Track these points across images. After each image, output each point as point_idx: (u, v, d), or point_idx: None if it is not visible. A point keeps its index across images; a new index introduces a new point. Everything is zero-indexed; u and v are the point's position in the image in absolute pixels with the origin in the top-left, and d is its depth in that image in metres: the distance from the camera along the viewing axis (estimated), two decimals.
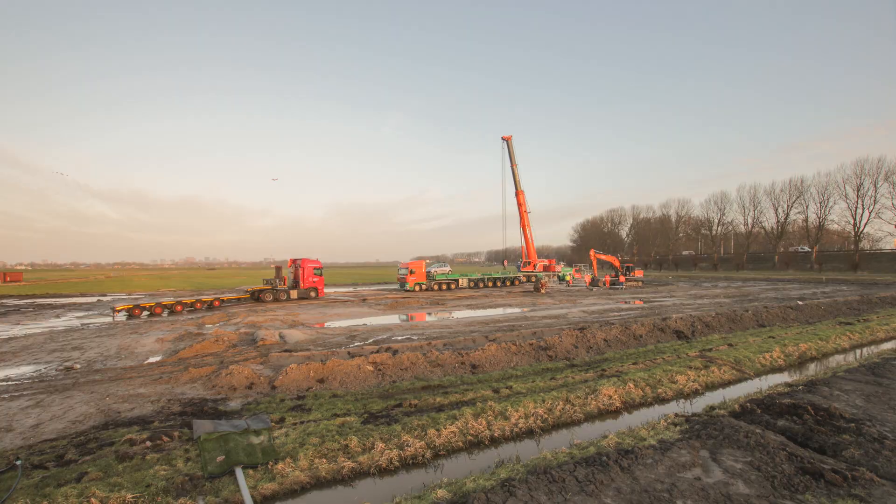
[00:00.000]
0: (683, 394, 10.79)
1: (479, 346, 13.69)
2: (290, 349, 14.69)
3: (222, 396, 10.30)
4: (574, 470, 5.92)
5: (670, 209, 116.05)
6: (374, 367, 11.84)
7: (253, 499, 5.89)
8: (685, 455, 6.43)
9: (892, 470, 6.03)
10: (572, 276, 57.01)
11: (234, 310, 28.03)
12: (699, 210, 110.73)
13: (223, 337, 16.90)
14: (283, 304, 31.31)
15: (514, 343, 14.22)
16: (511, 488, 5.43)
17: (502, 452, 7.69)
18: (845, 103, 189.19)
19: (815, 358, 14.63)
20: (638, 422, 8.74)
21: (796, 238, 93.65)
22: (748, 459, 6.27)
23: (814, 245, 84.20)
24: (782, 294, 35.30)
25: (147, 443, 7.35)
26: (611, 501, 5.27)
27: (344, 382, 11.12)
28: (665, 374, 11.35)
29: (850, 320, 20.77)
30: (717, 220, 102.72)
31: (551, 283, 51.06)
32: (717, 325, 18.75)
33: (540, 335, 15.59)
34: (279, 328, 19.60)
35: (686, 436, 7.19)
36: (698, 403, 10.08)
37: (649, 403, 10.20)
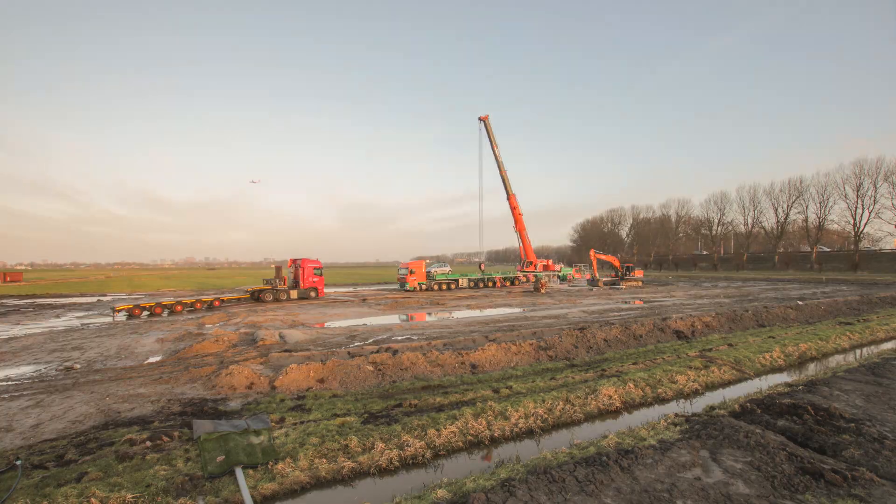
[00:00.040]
0: (683, 394, 10.79)
1: (479, 346, 13.69)
2: (290, 349, 14.69)
3: (222, 396, 10.31)
4: (574, 470, 5.92)
5: (670, 209, 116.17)
6: (374, 367, 11.84)
7: (253, 499, 5.89)
8: (685, 455, 6.43)
9: (892, 470, 6.03)
10: (571, 276, 57.12)
11: (234, 310, 28.03)
12: (699, 210, 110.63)
13: (223, 337, 16.90)
14: (283, 304, 31.32)
15: (514, 343, 14.22)
16: (511, 488, 5.43)
17: (502, 452, 7.69)
18: (845, 103, 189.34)
19: (815, 358, 14.63)
20: (638, 422, 8.74)
21: (796, 238, 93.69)
22: (748, 459, 6.27)
23: (814, 245, 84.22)
24: (782, 294, 35.31)
25: (147, 443, 7.35)
26: (611, 501, 5.27)
27: (344, 382, 11.13)
28: (665, 374, 11.35)
29: (850, 320, 20.77)
30: (717, 220, 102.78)
31: (551, 283, 51.06)
32: (717, 325, 18.75)
33: (540, 335, 15.59)
34: (279, 328, 19.60)
35: (686, 436, 7.19)
36: (698, 403, 10.08)
37: (649, 403, 10.20)
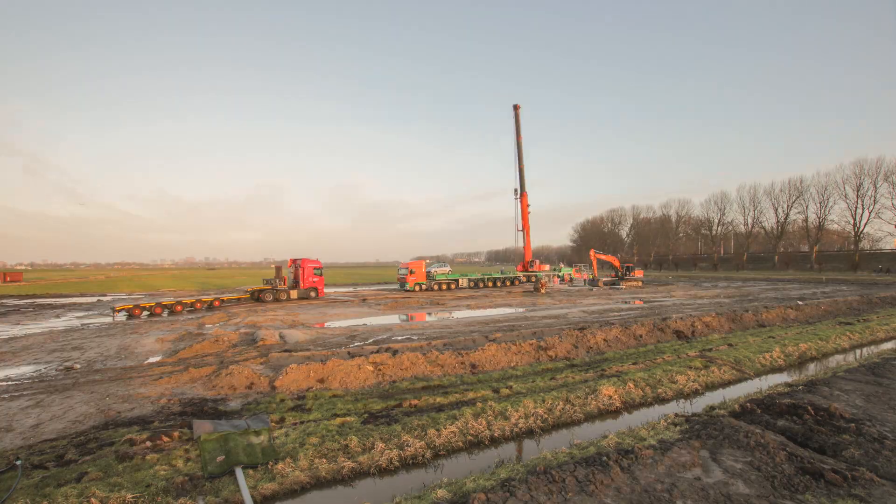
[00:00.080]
0: (683, 394, 10.79)
1: (479, 346, 13.69)
2: (290, 349, 14.69)
3: (222, 396, 10.30)
4: (574, 470, 5.92)
5: (670, 209, 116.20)
6: (374, 367, 11.83)
7: (253, 499, 5.89)
8: (685, 455, 6.43)
9: (892, 470, 6.03)
10: (571, 276, 57.15)
11: (234, 310, 28.03)
12: (699, 210, 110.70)
13: (223, 337, 16.90)
14: (283, 304, 31.32)
15: (514, 343, 14.22)
16: (511, 488, 5.43)
17: (502, 452, 7.69)
18: (844, 103, 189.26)
19: (815, 358, 14.62)
20: (638, 422, 8.74)
21: (796, 238, 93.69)
22: (748, 459, 6.27)
23: (814, 245, 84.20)
24: (782, 294, 35.30)
25: (147, 443, 7.34)
26: (611, 501, 5.27)
27: (344, 382, 11.12)
28: (665, 374, 11.35)
29: (850, 320, 20.76)
30: (717, 220, 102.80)
31: (551, 283, 51.07)
32: (717, 325, 18.75)
33: (540, 335, 15.59)
34: (279, 328, 19.60)
35: (686, 436, 7.19)
36: (698, 403, 10.08)
37: (649, 403, 10.20)
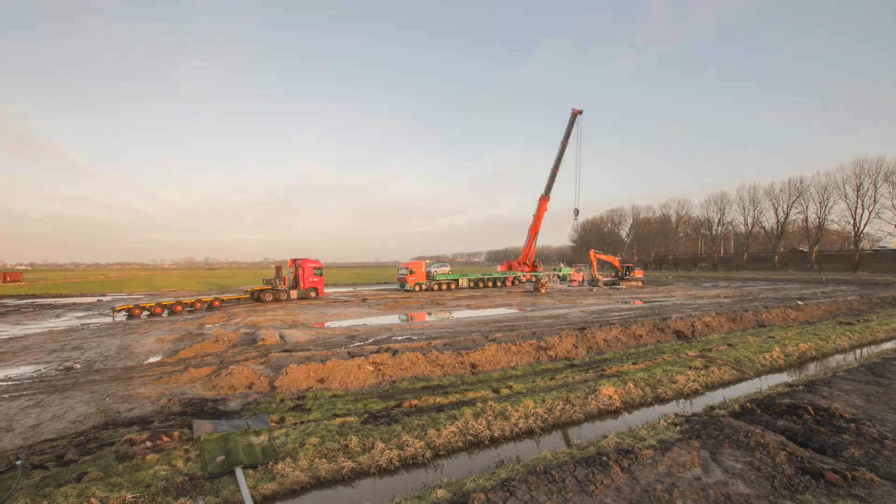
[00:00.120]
0: (683, 394, 10.79)
1: (479, 346, 13.68)
2: (290, 349, 14.69)
3: (222, 396, 10.30)
4: (574, 470, 5.92)
5: (670, 209, 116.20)
6: (374, 368, 11.83)
7: (253, 499, 5.89)
8: (685, 455, 6.43)
9: (892, 470, 6.03)
10: (571, 276, 57.17)
11: (235, 310, 28.03)
12: (699, 210, 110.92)
13: (223, 337, 16.90)
14: (283, 304, 31.31)
15: (514, 343, 14.22)
16: (511, 488, 5.42)
17: (502, 452, 7.68)
18: (846, 103, 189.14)
19: (815, 358, 14.63)
20: (638, 422, 8.74)
21: (796, 238, 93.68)
22: (748, 459, 6.27)
23: (814, 245, 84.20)
24: (782, 294, 35.30)
25: (147, 443, 7.34)
26: (611, 501, 5.27)
27: (344, 382, 11.12)
28: (665, 374, 11.35)
29: (850, 320, 20.76)
30: (717, 220, 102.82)
31: (551, 284, 51.10)
32: (717, 325, 18.75)
33: (540, 335, 15.59)
34: (279, 328, 19.60)
35: (686, 436, 7.19)
36: (698, 403, 10.08)
37: (649, 403, 10.20)
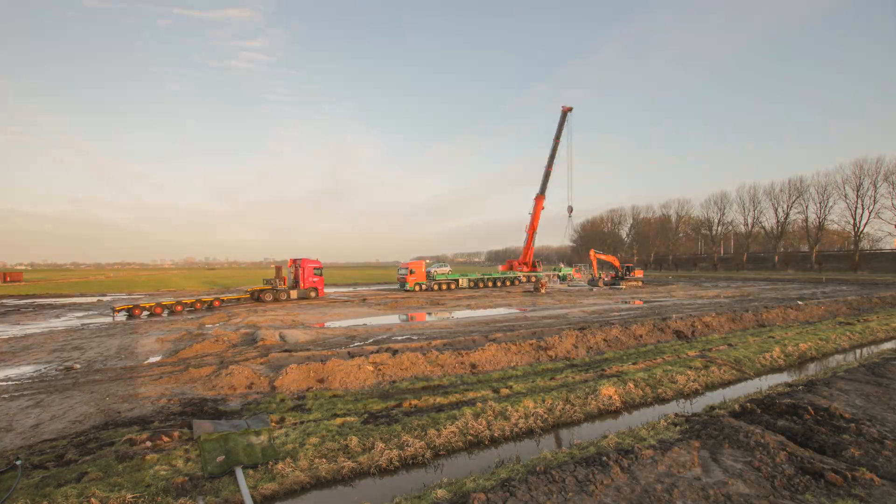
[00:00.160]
0: (683, 394, 10.79)
1: (479, 346, 13.68)
2: (290, 349, 14.69)
3: (222, 396, 10.30)
4: (574, 470, 5.92)
5: (670, 209, 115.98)
6: (374, 368, 11.83)
7: (253, 499, 5.89)
8: (685, 455, 6.43)
9: (892, 470, 6.03)
10: (571, 276, 57.22)
11: (235, 310, 28.03)
12: (699, 210, 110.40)
13: (223, 337, 16.90)
14: (283, 304, 31.32)
15: (514, 343, 14.22)
16: (511, 488, 5.43)
17: (502, 452, 7.69)
18: (845, 103, 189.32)
19: (815, 358, 14.63)
20: (638, 422, 8.74)
21: (796, 238, 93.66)
22: (748, 459, 6.27)
23: (814, 245, 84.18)
24: (782, 294, 35.30)
25: (147, 443, 7.35)
26: (611, 501, 5.27)
27: (344, 382, 11.12)
28: (665, 374, 11.35)
29: (850, 320, 20.76)
30: (717, 220, 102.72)
31: (551, 284, 51.12)
32: (717, 325, 18.75)
33: (540, 335, 15.59)
34: (279, 328, 19.60)
35: (686, 436, 7.19)
36: (698, 403, 10.08)
37: (649, 403, 10.20)
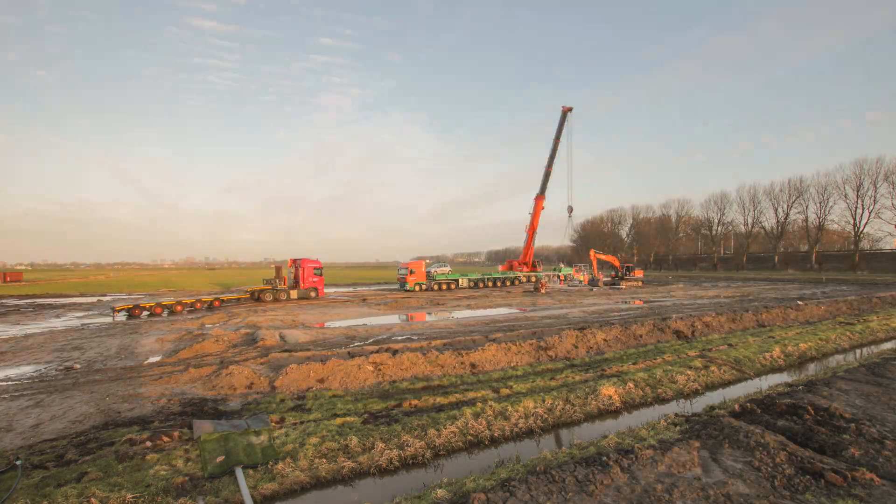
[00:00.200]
0: (683, 394, 10.79)
1: (479, 346, 13.68)
2: (290, 349, 14.69)
3: (222, 396, 10.30)
4: (574, 470, 5.92)
5: (670, 209, 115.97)
6: (374, 368, 11.84)
7: (253, 499, 5.89)
8: (685, 455, 6.43)
9: (892, 470, 6.03)
10: (571, 276, 57.23)
11: (235, 310, 28.04)
12: (699, 210, 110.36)
13: (223, 337, 16.90)
14: (283, 304, 31.33)
15: (514, 343, 14.22)
16: (511, 488, 5.42)
17: (502, 452, 7.69)
18: (846, 102, 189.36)
19: (815, 358, 14.63)
20: (638, 422, 8.74)
21: (796, 238, 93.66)
22: (748, 459, 6.27)
23: (814, 245, 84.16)
24: (782, 294, 35.30)
25: (147, 443, 7.35)
26: (611, 501, 5.27)
27: (344, 382, 11.13)
28: (665, 374, 11.35)
29: (850, 320, 20.76)
30: (717, 220, 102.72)
31: (551, 284, 51.13)
32: (717, 325, 18.75)
33: (540, 335, 15.59)
34: (279, 328, 19.60)
35: (686, 436, 7.19)
36: (698, 403, 10.08)
37: (649, 403, 10.20)
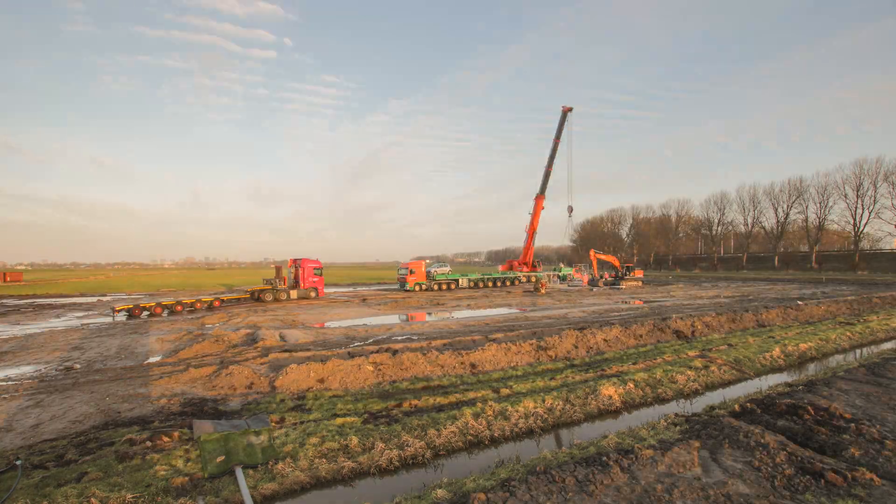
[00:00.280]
0: (683, 394, 10.79)
1: (479, 346, 13.69)
2: (290, 349, 14.69)
3: (222, 396, 10.31)
4: (574, 470, 5.92)
5: (670, 209, 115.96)
6: (374, 368, 11.84)
7: (253, 499, 5.89)
8: (685, 455, 6.43)
9: (893, 470, 6.03)
10: (571, 276, 57.26)
11: (235, 310, 28.04)
12: (699, 210, 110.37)
13: (223, 337, 16.90)
14: (283, 304, 31.32)
15: (514, 343, 14.22)
16: (511, 488, 5.43)
17: (502, 452, 7.69)
18: (845, 102, 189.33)
19: (815, 358, 14.63)
20: (638, 422, 8.74)
21: (796, 238, 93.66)
22: (748, 459, 6.27)
23: (814, 245, 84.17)
24: (782, 294, 35.30)
25: (147, 443, 7.35)
26: (611, 501, 5.27)
27: (344, 382, 11.13)
28: (665, 374, 11.36)
29: (850, 320, 20.77)
30: (717, 220, 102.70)
31: (551, 284, 51.15)
32: (717, 325, 18.75)
33: (540, 335, 15.59)
34: (279, 328, 19.60)
35: (686, 436, 7.19)
36: (698, 403, 10.08)
37: (649, 403, 10.20)
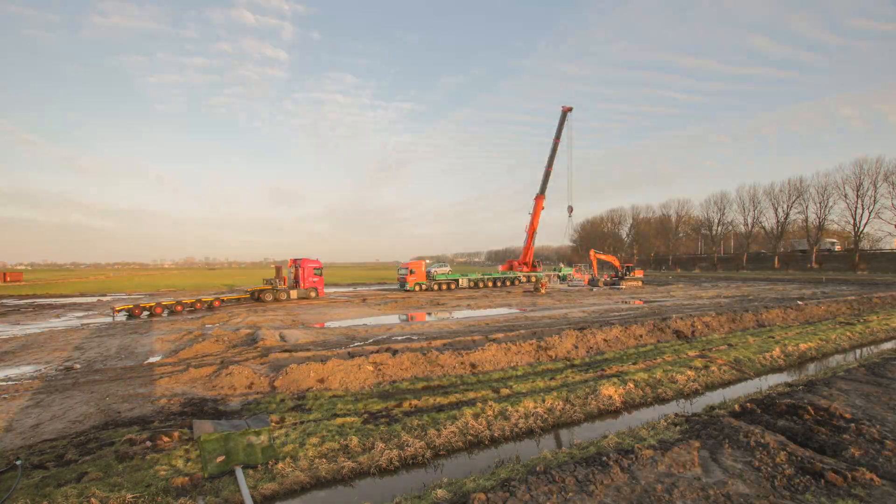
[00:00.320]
0: (683, 394, 10.80)
1: (479, 347, 13.68)
2: (290, 349, 14.69)
3: (222, 396, 10.31)
4: (574, 470, 5.92)
5: (670, 209, 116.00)
6: (374, 367, 11.84)
7: (253, 499, 5.89)
8: (685, 455, 6.43)
9: (892, 470, 6.03)
10: (571, 276, 57.29)
11: (235, 310, 28.04)
12: (699, 210, 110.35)
13: (223, 337, 16.90)
14: (283, 304, 31.32)
15: (514, 343, 14.22)
16: (511, 488, 5.43)
17: (502, 452, 7.69)
18: (845, 101, 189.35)
19: (815, 358, 14.64)
20: (638, 422, 8.75)
21: (796, 238, 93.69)
22: (748, 459, 6.27)
23: (813, 245, 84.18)
24: (782, 294, 35.30)
25: (147, 443, 7.35)
26: (611, 501, 5.27)
27: (344, 382, 11.13)
28: (665, 374, 11.36)
29: (850, 320, 20.77)
30: (717, 220, 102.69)
31: (551, 284, 51.16)
32: (717, 325, 18.75)
33: (540, 335, 15.59)
34: (279, 328, 19.60)
35: (686, 436, 7.19)
36: (698, 403, 10.09)
37: (649, 403, 10.20)
